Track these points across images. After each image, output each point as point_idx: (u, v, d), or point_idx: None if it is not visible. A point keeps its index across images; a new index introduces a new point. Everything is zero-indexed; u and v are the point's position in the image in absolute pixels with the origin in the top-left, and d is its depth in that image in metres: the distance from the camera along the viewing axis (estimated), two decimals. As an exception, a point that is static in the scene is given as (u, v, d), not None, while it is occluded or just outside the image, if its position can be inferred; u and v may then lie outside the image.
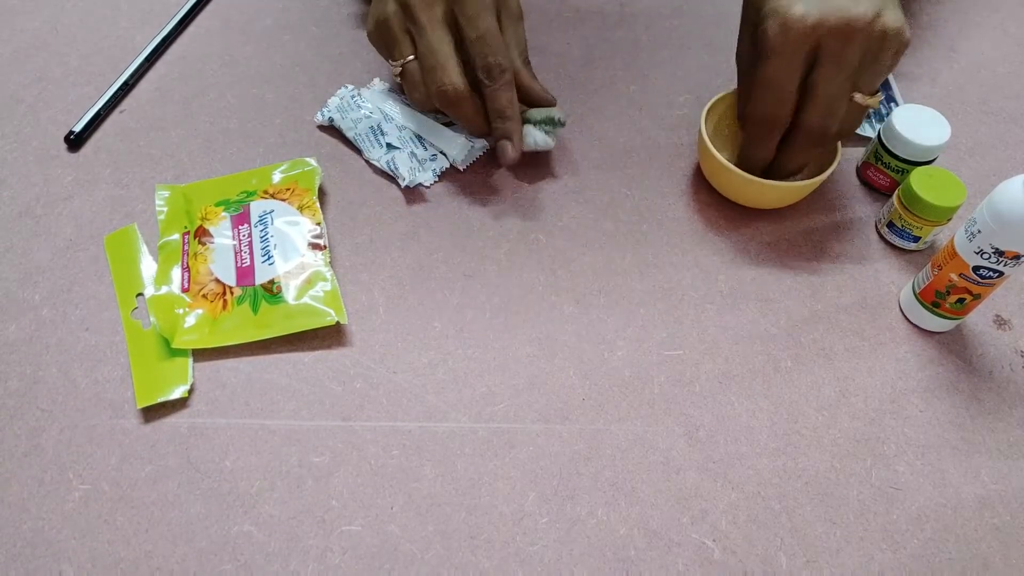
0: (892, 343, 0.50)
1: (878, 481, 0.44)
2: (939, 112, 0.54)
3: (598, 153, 0.59)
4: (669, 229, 0.55)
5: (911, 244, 0.54)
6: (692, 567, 0.41)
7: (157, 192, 0.54)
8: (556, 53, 0.66)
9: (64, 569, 0.40)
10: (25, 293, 0.50)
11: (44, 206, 0.54)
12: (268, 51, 0.65)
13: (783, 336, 0.50)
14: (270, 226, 0.52)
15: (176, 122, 0.60)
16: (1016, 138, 0.62)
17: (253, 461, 0.44)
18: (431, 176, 0.56)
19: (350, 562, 0.40)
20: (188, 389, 0.45)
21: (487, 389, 0.47)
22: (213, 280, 0.49)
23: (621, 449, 0.45)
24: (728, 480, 0.44)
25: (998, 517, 0.43)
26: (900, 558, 0.42)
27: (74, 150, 0.58)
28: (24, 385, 0.46)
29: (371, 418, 0.45)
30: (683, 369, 0.48)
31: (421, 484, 0.43)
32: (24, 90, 0.61)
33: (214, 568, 0.40)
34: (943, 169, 0.51)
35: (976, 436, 0.46)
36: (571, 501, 0.43)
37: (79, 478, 0.43)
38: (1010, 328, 0.51)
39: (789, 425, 0.46)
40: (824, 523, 0.43)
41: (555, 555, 0.41)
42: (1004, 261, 0.43)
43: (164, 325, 0.47)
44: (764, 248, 0.54)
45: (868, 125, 0.61)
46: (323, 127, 0.60)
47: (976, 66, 0.67)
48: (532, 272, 0.52)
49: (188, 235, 0.52)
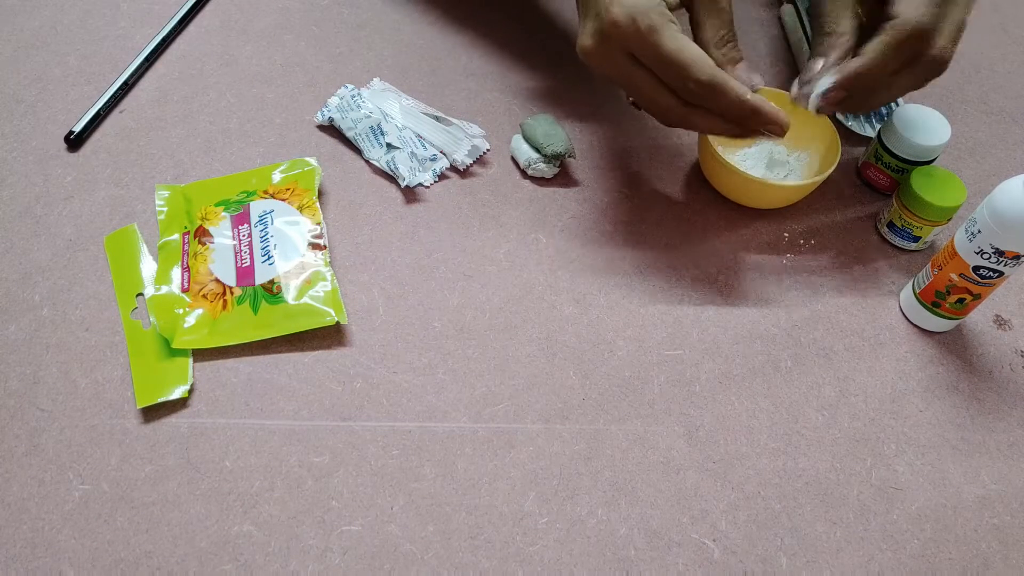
0: (892, 343, 0.50)
1: (878, 481, 0.44)
2: (939, 112, 0.54)
3: (598, 153, 0.59)
4: (669, 229, 0.55)
5: (911, 244, 0.54)
6: (692, 567, 0.41)
7: (157, 192, 0.54)
8: (557, 52, 0.66)
9: (64, 569, 0.40)
10: (25, 293, 0.50)
11: (44, 206, 0.54)
12: (268, 51, 0.65)
13: (783, 336, 0.50)
14: (270, 226, 0.52)
15: (176, 122, 0.60)
16: (1016, 138, 0.62)
17: (253, 461, 0.44)
18: (431, 176, 0.56)
19: (350, 562, 0.40)
20: (188, 389, 0.45)
21: (487, 389, 0.47)
22: (213, 280, 0.49)
23: (621, 449, 0.45)
24: (728, 480, 0.44)
25: (998, 517, 0.43)
26: (900, 558, 0.42)
27: (74, 150, 0.58)
28: (24, 385, 0.46)
29: (371, 418, 0.45)
30: (683, 369, 0.48)
31: (421, 484, 0.43)
32: (24, 90, 0.61)
33: (214, 568, 0.40)
34: (943, 169, 0.51)
35: (976, 436, 0.46)
36: (571, 501, 0.43)
37: (79, 478, 0.43)
38: (1010, 328, 0.51)
39: (789, 425, 0.46)
40: (824, 523, 0.43)
41: (555, 555, 0.41)
42: (1004, 261, 0.43)
43: (164, 325, 0.47)
44: (764, 248, 0.54)
45: (868, 125, 0.61)
46: (323, 127, 0.60)
47: (976, 66, 0.67)
48: (532, 272, 0.52)
49: (188, 235, 0.52)
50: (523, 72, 0.64)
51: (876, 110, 0.62)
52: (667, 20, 0.44)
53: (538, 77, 0.64)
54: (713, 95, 0.44)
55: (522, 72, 0.64)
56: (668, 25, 0.44)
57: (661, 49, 0.43)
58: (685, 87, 0.44)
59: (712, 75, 0.43)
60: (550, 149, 0.55)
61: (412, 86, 0.62)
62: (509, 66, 0.65)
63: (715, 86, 0.44)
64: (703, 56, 0.44)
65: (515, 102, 0.62)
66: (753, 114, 0.45)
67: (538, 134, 0.55)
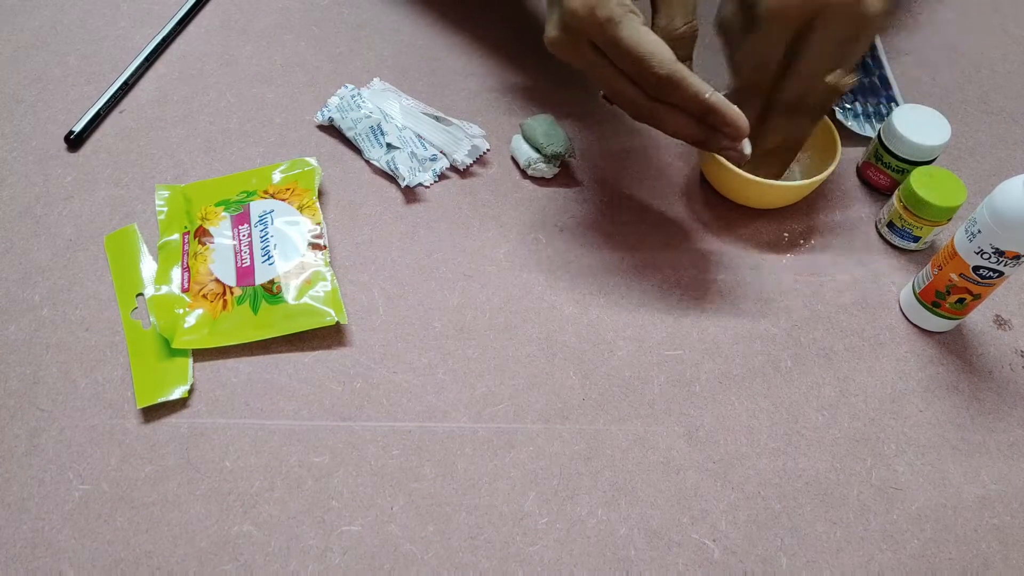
0: (892, 343, 0.50)
1: (878, 481, 0.44)
2: (939, 112, 0.54)
3: (598, 153, 0.59)
4: (669, 229, 0.55)
5: (911, 244, 0.54)
6: (692, 567, 0.41)
7: (157, 192, 0.54)
8: (556, 53, 0.66)
9: (64, 569, 0.40)
10: (25, 293, 0.50)
11: (44, 206, 0.54)
12: (268, 51, 0.65)
13: (783, 336, 0.50)
14: (270, 226, 0.52)
15: (176, 122, 0.60)
16: (1016, 138, 0.62)
17: (253, 461, 0.44)
18: (431, 176, 0.56)
19: (350, 562, 0.40)
20: (188, 389, 0.45)
21: (487, 389, 0.47)
22: (213, 280, 0.49)
23: (621, 449, 0.45)
24: (728, 480, 0.44)
25: (998, 517, 0.43)
26: (900, 558, 0.42)
27: (74, 150, 0.58)
28: (24, 385, 0.46)
29: (371, 418, 0.45)
30: (683, 369, 0.48)
31: (421, 484, 0.43)
32: (24, 90, 0.61)
33: (214, 568, 0.40)
34: (943, 169, 0.51)
35: (976, 436, 0.46)
36: (571, 501, 0.43)
37: (79, 478, 0.43)
38: (1010, 328, 0.51)
39: (789, 425, 0.46)
40: (824, 523, 0.43)
41: (555, 555, 0.41)
42: (1004, 261, 0.43)
43: (164, 325, 0.47)
44: (764, 248, 0.54)
45: (868, 125, 0.61)
46: (323, 127, 0.60)
47: (976, 66, 0.67)
48: (532, 272, 0.52)
49: (188, 235, 0.52)
50: (523, 72, 0.64)
51: (876, 109, 0.62)
52: (627, 11, 0.42)
53: (539, 77, 0.64)
54: (672, 89, 0.43)
55: (522, 72, 0.64)
56: (628, 16, 0.42)
57: (619, 41, 0.42)
58: (646, 80, 0.43)
59: (671, 69, 0.42)
60: (550, 149, 0.55)
61: (412, 86, 0.62)
62: (509, 66, 0.65)
63: (673, 80, 0.42)
64: (662, 49, 0.42)
65: (515, 102, 0.62)
66: (710, 112, 0.43)
67: (538, 134, 0.55)
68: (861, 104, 0.62)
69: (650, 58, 0.42)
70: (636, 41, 0.42)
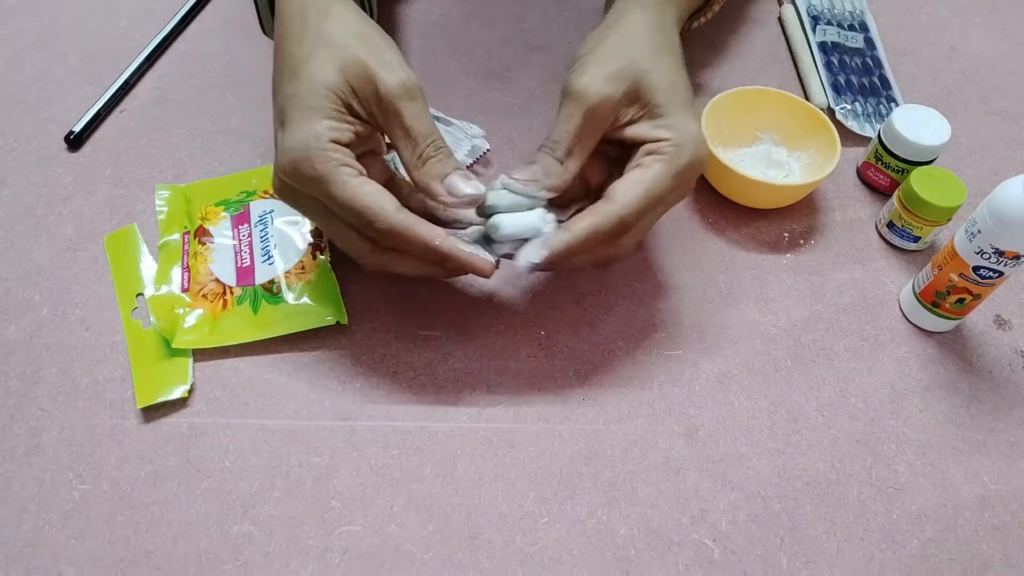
0: (892, 343, 0.50)
1: (878, 481, 0.44)
2: (939, 112, 0.54)
3: (598, 153, 0.59)
4: (669, 229, 0.55)
5: (911, 244, 0.54)
6: (692, 567, 0.41)
7: (157, 192, 0.54)
8: (557, 52, 0.66)
9: (64, 569, 0.40)
10: (25, 293, 0.50)
11: (44, 206, 0.54)
12: (268, 50, 0.65)
13: (783, 336, 0.50)
14: (270, 226, 0.52)
15: (176, 122, 0.60)
16: (1016, 138, 0.62)
17: (253, 461, 0.44)
18: (431, 176, 0.56)
19: (350, 562, 0.40)
20: (188, 389, 0.45)
21: (487, 390, 0.47)
22: (213, 280, 0.49)
23: (621, 449, 0.45)
24: (728, 480, 0.44)
25: (998, 517, 0.43)
26: (900, 558, 0.42)
27: (74, 150, 0.58)
28: (24, 385, 0.46)
29: (371, 418, 0.45)
30: (683, 369, 0.48)
31: (421, 484, 0.43)
32: (24, 90, 0.61)
33: (214, 568, 0.40)
34: (943, 169, 0.51)
35: (976, 436, 0.46)
36: (571, 501, 0.43)
37: (79, 478, 0.43)
38: (1010, 328, 0.51)
39: (789, 425, 0.46)
40: (824, 523, 0.43)
41: (555, 555, 0.41)
42: (1004, 261, 0.43)
43: (164, 325, 0.47)
44: (764, 248, 0.54)
45: (868, 125, 0.61)
46: (323, 127, 0.60)
47: (976, 66, 0.67)
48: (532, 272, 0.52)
49: (188, 235, 0.52)
50: (523, 72, 0.64)
51: (875, 110, 0.62)
52: (336, 164, 0.39)
53: (539, 77, 0.64)
54: (400, 242, 0.40)
55: (522, 72, 0.64)
56: (337, 170, 0.39)
57: (332, 199, 0.39)
58: (371, 233, 0.40)
59: (390, 223, 0.39)
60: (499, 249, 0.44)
61: (412, 86, 0.62)
62: (509, 66, 0.65)
63: (395, 232, 0.39)
64: (380, 201, 0.39)
65: (515, 102, 0.62)
66: (444, 260, 0.40)
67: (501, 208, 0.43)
68: (861, 104, 0.62)
69: (366, 212, 0.39)
70: (349, 197, 0.39)
